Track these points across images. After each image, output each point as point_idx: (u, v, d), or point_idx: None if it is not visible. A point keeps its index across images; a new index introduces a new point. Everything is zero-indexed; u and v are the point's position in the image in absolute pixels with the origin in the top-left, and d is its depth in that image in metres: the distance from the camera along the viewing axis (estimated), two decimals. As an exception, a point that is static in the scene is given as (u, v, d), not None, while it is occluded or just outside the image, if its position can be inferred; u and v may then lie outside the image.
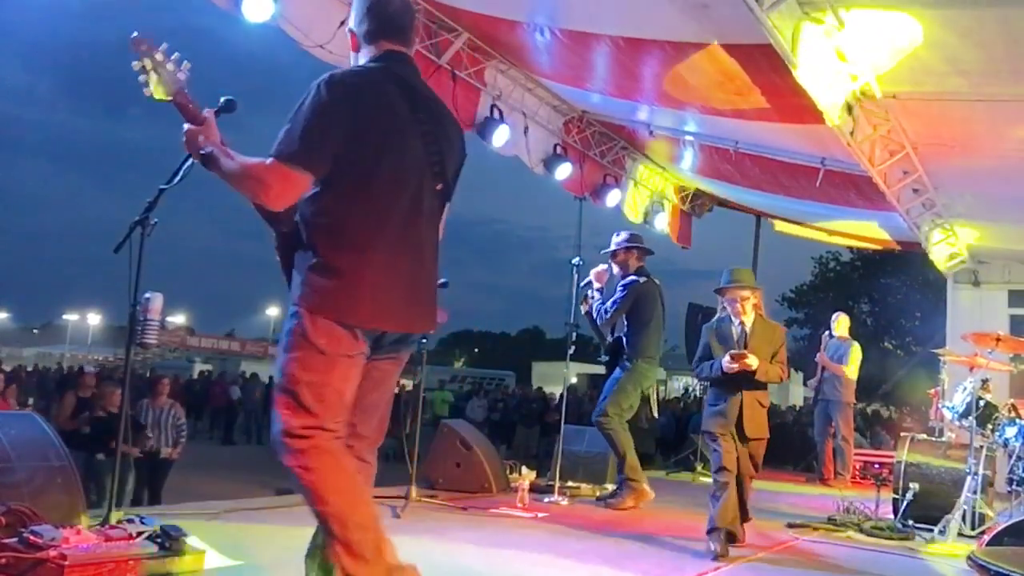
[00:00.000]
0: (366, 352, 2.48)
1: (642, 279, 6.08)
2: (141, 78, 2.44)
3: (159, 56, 2.44)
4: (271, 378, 22.15)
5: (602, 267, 6.30)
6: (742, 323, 4.81)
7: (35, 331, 60.51)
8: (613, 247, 6.25)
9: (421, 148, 2.53)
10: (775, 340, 4.83)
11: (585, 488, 6.58)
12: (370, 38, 2.59)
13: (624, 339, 6.12)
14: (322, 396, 2.41)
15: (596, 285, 6.27)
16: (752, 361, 4.60)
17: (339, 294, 2.40)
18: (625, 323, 6.11)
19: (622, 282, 6.11)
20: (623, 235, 6.30)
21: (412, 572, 2.47)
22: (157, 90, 2.46)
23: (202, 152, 2.49)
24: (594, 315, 6.20)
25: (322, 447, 2.40)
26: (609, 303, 6.10)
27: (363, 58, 2.60)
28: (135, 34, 2.46)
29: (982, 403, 5.78)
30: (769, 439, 4.84)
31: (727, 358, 4.65)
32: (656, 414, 6.99)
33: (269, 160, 2.36)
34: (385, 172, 2.45)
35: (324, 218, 2.43)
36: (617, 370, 6.08)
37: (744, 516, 4.85)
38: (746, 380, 4.66)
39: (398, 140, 2.49)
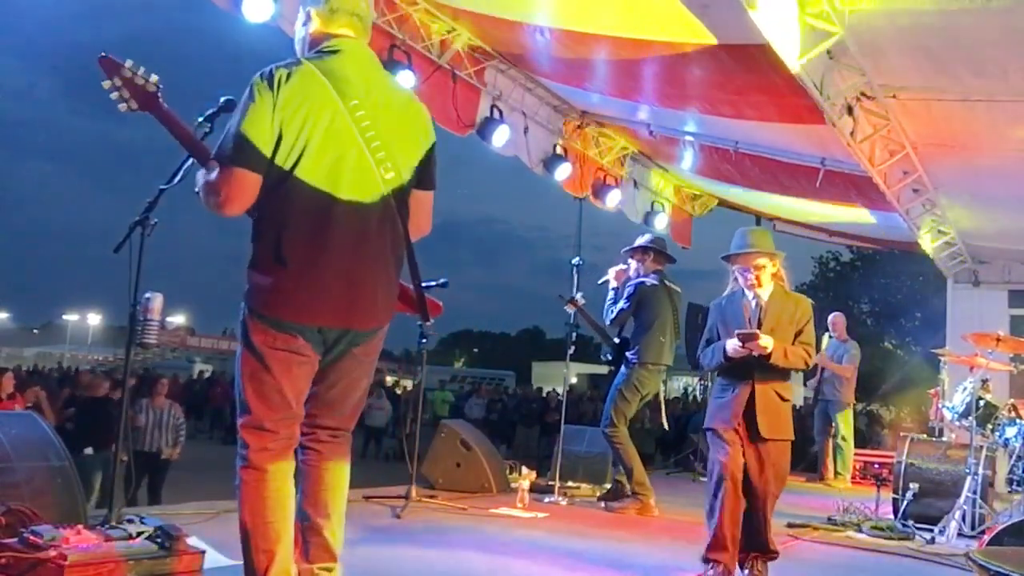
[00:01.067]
0: (310, 349, 2.50)
1: (649, 282, 5.99)
2: (112, 95, 2.51)
3: (127, 72, 2.51)
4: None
5: (621, 266, 6.23)
6: (757, 297, 3.90)
7: (35, 331, 60.54)
8: (631, 246, 6.22)
9: (354, 136, 2.49)
10: (799, 316, 3.87)
11: (585, 488, 6.58)
12: (326, 22, 2.61)
13: (626, 342, 6.07)
14: (261, 392, 2.46)
15: (612, 284, 6.20)
16: (765, 342, 3.69)
17: (268, 291, 2.43)
18: (633, 324, 6.05)
19: (631, 283, 6.07)
20: (646, 237, 6.30)
21: None
22: (130, 103, 2.52)
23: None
24: (603, 316, 6.16)
25: (256, 463, 2.47)
26: (620, 303, 6.04)
27: (319, 44, 2.61)
28: (102, 54, 2.52)
29: (982, 403, 5.78)
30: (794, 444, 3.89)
31: (734, 340, 3.77)
32: (666, 424, 6.93)
33: (215, 170, 2.42)
34: (307, 166, 2.43)
35: (255, 215, 2.48)
36: (619, 375, 6.01)
37: (763, 547, 3.82)
38: (759, 366, 3.77)
39: (322, 131, 2.46)
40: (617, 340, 6.15)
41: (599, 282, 6.31)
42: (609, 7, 5.70)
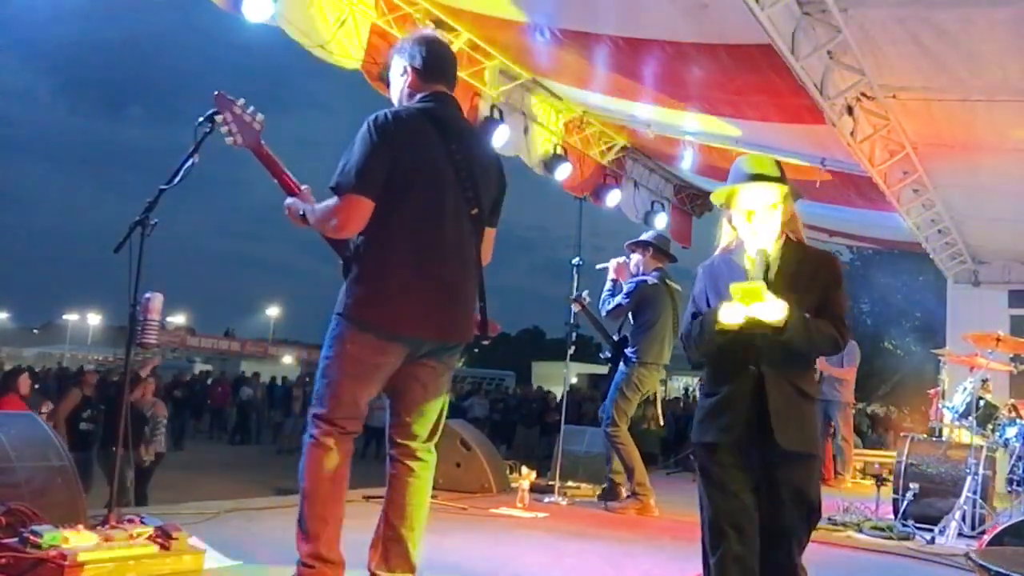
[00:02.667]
0: (395, 359, 2.82)
1: (651, 280, 5.95)
2: (223, 129, 2.88)
3: (237, 110, 2.88)
4: (272, 378, 22.27)
5: (622, 259, 6.18)
6: (761, 251, 2.63)
7: (35, 331, 60.48)
8: (634, 239, 6.19)
9: (452, 176, 2.86)
10: (824, 278, 2.64)
11: (585, 488, 6.58)
12: (427, 79, 2.99)
13: (628, 339, 6.04)
14: (336, 393, 2.80)
15: (611, 275, 6.15)
16: (775, 307, 2.46)
17: (368, 304, 2.76)
18: (631, 323, 6.02)
19: (631, 279, 6.04)
20: (650, 232, 6.26)
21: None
22: (237, 138, 2.88)
23: (300, 215, 2.92)
24: (599, 307, 6.11)
25: (323, 442, 2.79)
26: (619, 297, 6.00)
27: (417, 96, 2.98)
28: (217, 92, 2.90)
29: (982, 403, 5.78)
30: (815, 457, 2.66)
31: (729, 303, 2.51)
32: (663, 421, 6.90)
33: (334, 198, 2.78)
34: (415, 197, 2.79)
35: (363, 238, 2.80)
36: (619, 373, 5.98)
37: None
38: (769, 347, 2.52)
39: (429, 169, 2.83)
40: (616, 339, 6.13)
41: (597, 267, 6.23)
42: (609, 6, 5.70)
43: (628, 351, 5.96)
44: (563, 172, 8.15)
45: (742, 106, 6.70)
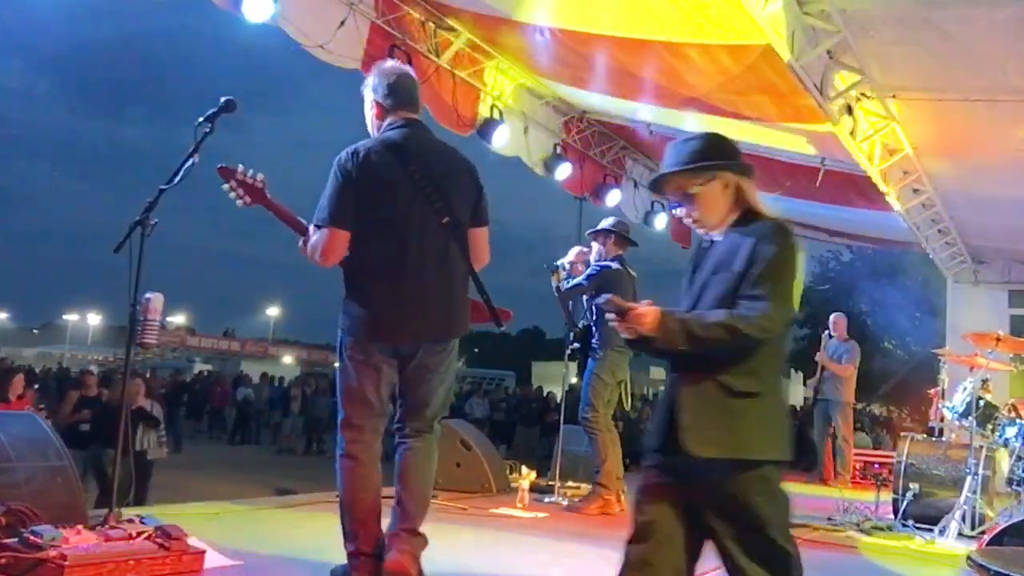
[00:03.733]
0: (387, 361, 3.19)
1: (613, 266, 5.94)
2: (231, 195, 3.20)
3: (239, 176, 3.20)
4: (271, 378, 22.27)
5: (583, 248, 6.18)
6: (713, 242, 2.42)
7: (35, 331, 60.49)
8: (594, 228, 6.18)
9: (415, 192, 3.15)
10: (747, 256, 2.26)
11: (585, 488, 6.58)
12: (391, 109, 3.31)
13: (593, 327, 6.00)
14: (351, 397, 3.20)
15: (568, 259, 6.09)
16: (641, 316, 2.24)
17: (356, 319, 3.17)
18: (595, 311, 5.97)
19: (595, 265, 6.02)
20: (609, 220, 6.27)
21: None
22: (244, 199, 3.21)
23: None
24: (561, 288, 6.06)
25: (350, 453, 3.19)
26: (580, 278, 5.95)
27: (384, 124, 3.31)
28: (220, 165, 3.20)
29: (982, 403, 5.79)
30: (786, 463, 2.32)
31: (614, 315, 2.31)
32: (629, 407, 6.84)
33: (313, 229, 3.16)
34: (381, 220, 3.12)
35: (346, 262, 3.17)
36: (590, 361, 5.96)
37: None
38: (675, 349, 2.28)
39: (389, 193, 3.13)
40: (580, 326, 6.10)
41: (556, 263, 6.12)
42: (609, 6, 5.70)
43: (594, 341, 5.93)
44: (563, 172, 8.15)
45: (742, 106, 6.69)
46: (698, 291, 2.36)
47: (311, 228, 3.19)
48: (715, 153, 2.42)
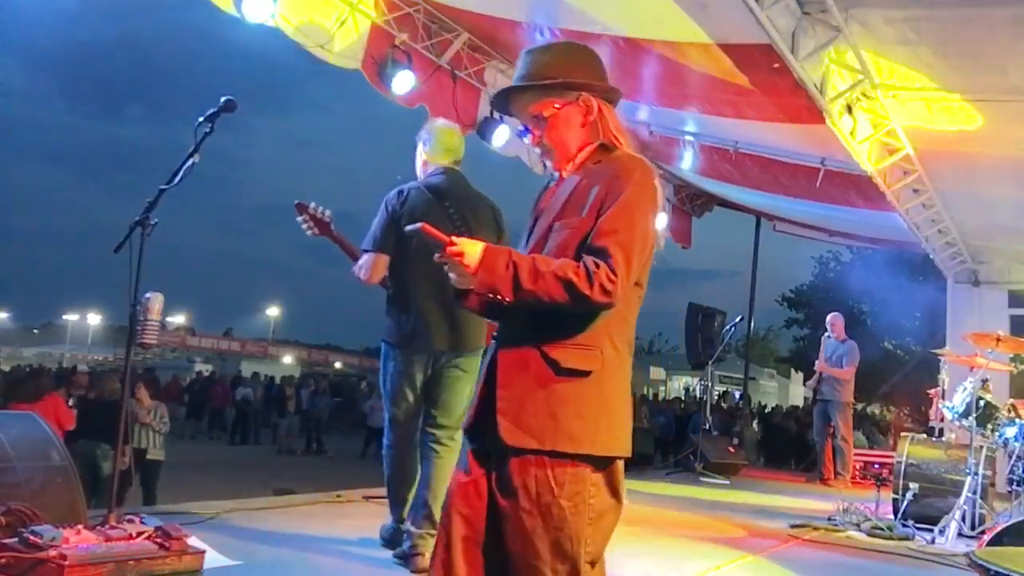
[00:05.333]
0: (420, 368, 3.70)
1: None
2: (304, 227, 3.72)
3: (311, 210, 3.72)
4: (271, 378, 22.27)
5: None
6: (560, 177, 2.05)
7: (35, 331, 60.51)
8: None
9: (448, 223, 3.59)
10: (604, 187, 1.89)
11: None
12: (431, 159, 3.89)
13: None
14: (394, 398, 3.77)
15: None
16: (460, 250, 1.85)
17: (397, 330, 3.74)
18: None
19: None
20: None
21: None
22: (313, 230, 3.73)
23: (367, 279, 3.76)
24: None
25: (391, 444, 3.83)
26: None
27: (428, 170, 3.89)
28: (297, 201, 3.74)
29: (982, 403, 5.78)
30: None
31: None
32: None
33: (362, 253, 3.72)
34: (418, 246, 3.46)
35: (389, 281, 3.74)
36: None
37: None
38: (499, 304, 1.92)
39: (426, 221, 3.45)
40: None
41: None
42: (609, 6, 5.70)
43: None
44: (563, 172, 8.14)
45: (742, 106, 6.70)
46: (540, 240, 1.95)
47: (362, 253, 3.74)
48: (577, 69, 2.05)
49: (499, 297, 1.84)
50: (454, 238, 1.86)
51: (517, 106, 2.07)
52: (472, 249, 1.84)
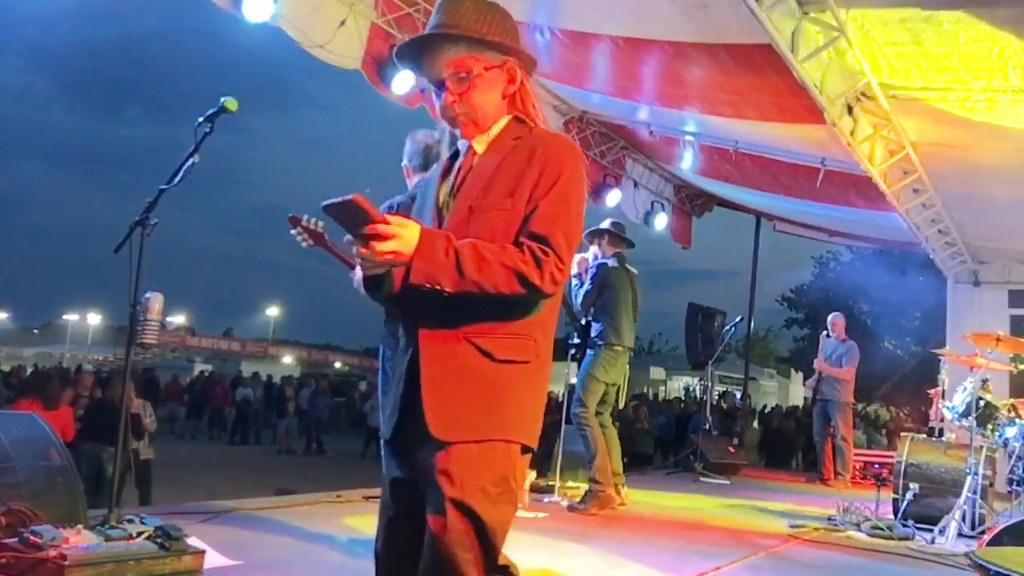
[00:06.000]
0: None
1: (611, 263, 6.01)
2: (298, 239, 3.55)
3: (305, 222, 3.55)
4: (269, 377, 22.28)
5: (582, 256, 6.24)
6: (469, 151, 1.89)
7: (35, 331, 60.48)
8: (589, 229, 6.23)
9: None
10: (534, 176, 1.76)
11: (585, 488, 6.58)
12: (415, 170, 3.85)
13: (592, 323, 6.04)
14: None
15: (574, 270, 6.13)
16: (393, 231, 1.64)
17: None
18: (592, 308, 6.03)
19: (592, 264, 6.08)
20: (606, 221, 6.31)
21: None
22: (307, 241, 3.58)
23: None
24: (572, 299, 6.16)
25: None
26: (585, 285, 6.03)
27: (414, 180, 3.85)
28: (290, 215, 3.60)
29: (982, 403, 5.78)
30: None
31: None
32: (620, 405, 6.85)
33: None
34: None
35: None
36: (586, 356, 6.01)
37: None
38: (421, 294, 1.71)
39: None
40: (583, 323, 6.14)
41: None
42: (609, 6, 5.70)
43: (593, 335, 5.98)
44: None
45: (742, 106, 6.70)
46: (460, 223, 1.77)
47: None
48: (507, 31, 1.86)
49: (436, 288, 1.66)
50: (387, 215, 1.65)
51: (437, 57, 1.82)
52: (409, 232, 1.65)
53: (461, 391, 1.74)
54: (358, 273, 3.58)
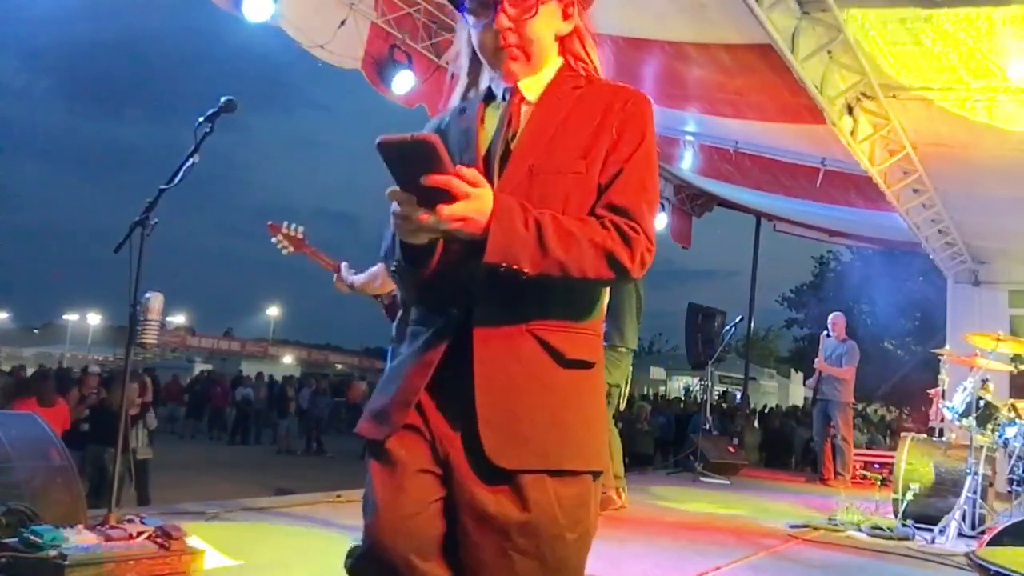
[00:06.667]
0: None
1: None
2: (278, 246, 3.68)
3: (284, 230, 3.69)
4: (271, 377, 22.28)
5: None
6: (516, 93, 1.51)
7: (35, 331, 60.49)
8: None
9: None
10: (618, 128, 1.49)
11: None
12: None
13: None
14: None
15: None
16: (466, 207, 1.26)
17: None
18: None
19: None
20: None
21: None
22: (288, 248, 3.70)
23: (348, 284, 3.75)
24: None
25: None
26: None
27: None
28: (269, 222, 3.69)
29: (982, 403, 5.78)
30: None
31: (397, 194, 1.28)
32: (622, 407, 6.86)
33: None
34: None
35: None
36: None
37: None
38: (487, 274, 1.31)
39: None
40: None
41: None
42: (609, 6, 5.70)
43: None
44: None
45: (742, 106, 6.70)
46: (519, 187, 1.39)
47: (343, 264, 3.76)
48: None
49: (513, 269, 1.29)
50: (459, 167, 1.26)
51: None
52: (485, 193, 1.28)
53: (523, 402, 1.36)
54: (348, 277, 3.54)
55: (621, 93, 1.51)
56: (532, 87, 1.50)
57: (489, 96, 1.55)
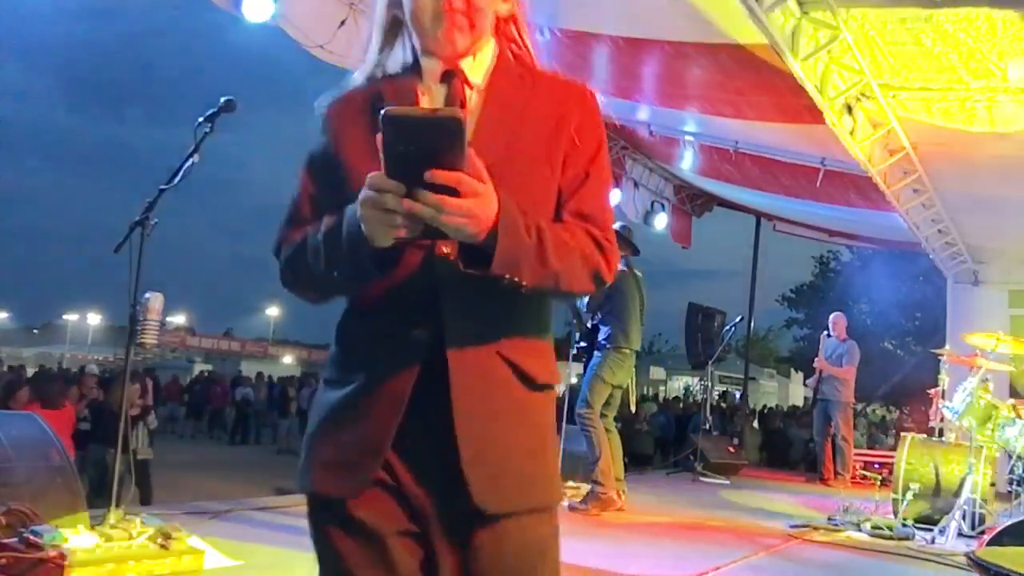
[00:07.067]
0: None
1: (619, 267, 6.03)
2: None
3: None
4: (270, 376, 22.27)
5: None
6: (459, 76, 1.30)
7: (35, 331, 60.49)
8: None
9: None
10: (577, 128, 1.31)
11: (585, 488, 6.57)
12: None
13: (599, 326, 6.08)
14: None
15: None
16: (472, 204, 1.07)
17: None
18: (599, 311, 6.07)
19: None
20: (616, 225, 6.33)
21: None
22: None
23: None
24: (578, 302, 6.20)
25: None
26: None
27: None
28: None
29: (982, 403, 5.78)
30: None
31: (379, 178, 1.05)
32: (633, 408, 6.88)
33: None
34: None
35: None
36: (593, 357, 6.03)
37: None
38: (454, 284, 1.19)
39: None
40: (589, 326, 6.18)
41: None
42: (609, 6, 5.70)
43: (601, 338, 6.01)
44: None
45: (742, 106, 6.70)
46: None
47: None
48: None
49: (513, 282, 1.14)
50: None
51: None
52: (491, 192, 1.09)
53: (503, 437, 1.22)
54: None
55: (574, 89, 1.35)
56: (474, 69, 1.31)
57: (415, 69, 1.31)
